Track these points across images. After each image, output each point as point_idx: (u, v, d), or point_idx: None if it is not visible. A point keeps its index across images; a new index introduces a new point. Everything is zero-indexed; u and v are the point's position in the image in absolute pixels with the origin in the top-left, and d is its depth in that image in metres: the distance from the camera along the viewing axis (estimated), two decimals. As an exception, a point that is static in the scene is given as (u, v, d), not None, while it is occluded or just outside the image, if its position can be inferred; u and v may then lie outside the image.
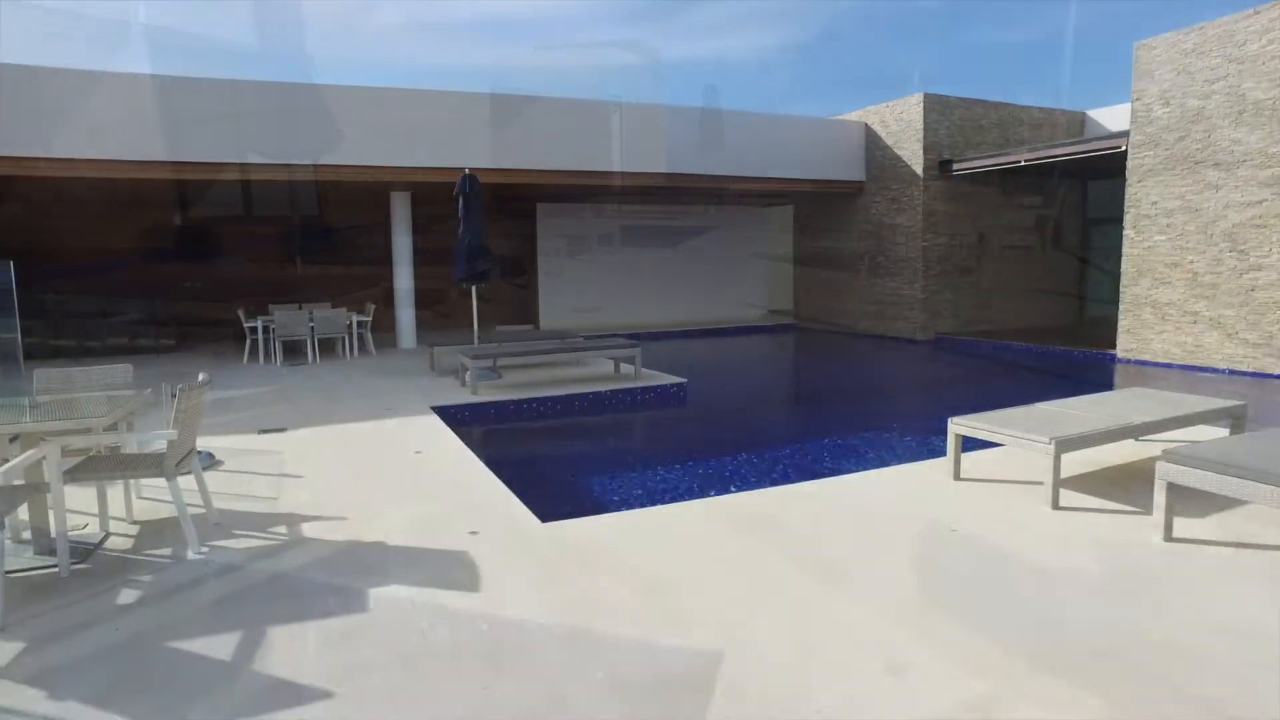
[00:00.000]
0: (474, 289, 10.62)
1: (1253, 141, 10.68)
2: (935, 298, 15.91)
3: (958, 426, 5.09)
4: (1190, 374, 11.13)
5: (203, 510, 4.47)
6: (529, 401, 8.77)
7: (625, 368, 10.83)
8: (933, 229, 15.73)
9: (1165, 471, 3.99)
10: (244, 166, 11.75)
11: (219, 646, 3.03)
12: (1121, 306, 12.46)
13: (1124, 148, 12.46)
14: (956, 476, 5.15)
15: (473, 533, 4.30)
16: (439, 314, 17.56)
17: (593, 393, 9.17)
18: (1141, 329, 12.18)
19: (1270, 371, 10.59)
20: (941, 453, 5.30)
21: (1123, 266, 12.44)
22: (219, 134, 11.45)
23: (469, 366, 9.03)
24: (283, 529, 4.39)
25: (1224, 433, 5.78)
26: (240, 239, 16.56)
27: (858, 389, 10.32)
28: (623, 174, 14.53)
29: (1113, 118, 16.86)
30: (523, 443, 7.65)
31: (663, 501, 5.08)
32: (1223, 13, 11.03)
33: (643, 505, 4.98)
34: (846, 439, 7.33)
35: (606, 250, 19.18)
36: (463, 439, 6.76)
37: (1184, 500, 4.56)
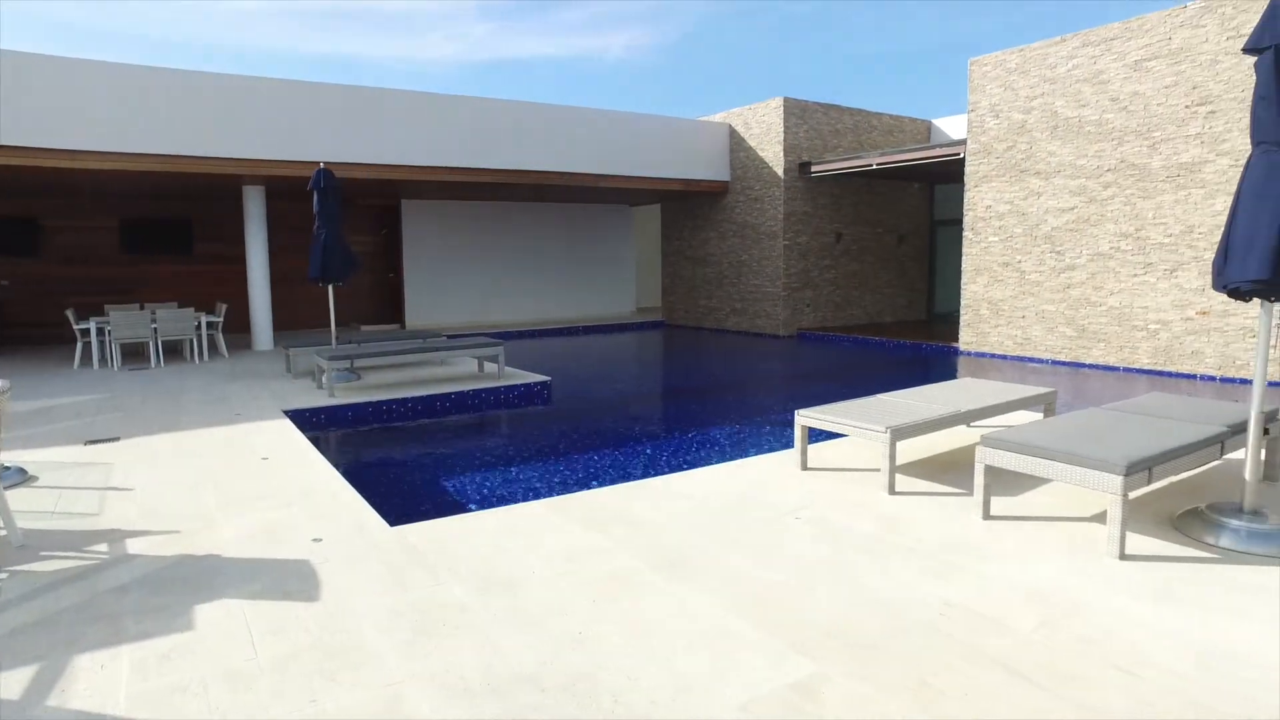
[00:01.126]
0: (331, 288, 10.21)
1: (1065, 154, 11.69)
2: (796, 295, 16.54)
3: (803, 418, 5.32)
4: (1022, 364, 12.07)
5: (2, 532, 4.09)
6: (388, 403, 8.53)
7: (489, 366, 10.71)
8: (793, 228, 16.35)
9: (983, 455, 4.32)
10: (74, 154, 10.79)
11: (8, 685, 2.78)
12: (962, 303, 13.37)
13: (962, 155, 13.37)
14: (804, 467, 5.38)
15: (316, 540, 4.14)
16: (298, 314, 16.79)
17: (455, 393, 9.02)
18: (980, 323, 13.10)
19: (1083, 361, 11.64)
20: (793, 444, 5.52)
21: (963, 265, 13.34)
22: (45, 116, 10.48)
23: (325, 368, 8.68)
24: (103, 547, 4.08)
25: (1039, 417, 6.32)
26: (74, 234, 15.28)
27: (719, 384, 10.61)
28: (486, 171, 14.34)
29: (954, 126, 18.07)
30: (379, 445, 7.43)
31: (516, 501, 5.06)
32: (1063, 32, 12.01)
33: (496, 505, 4.94)
34: (705, 433, 7.52)
35: (475, 248, 18.88)
36: (315, 443, 6.50)
37: (1003, 480, 4.97)
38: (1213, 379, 10.23)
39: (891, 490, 4.84)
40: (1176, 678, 2.76)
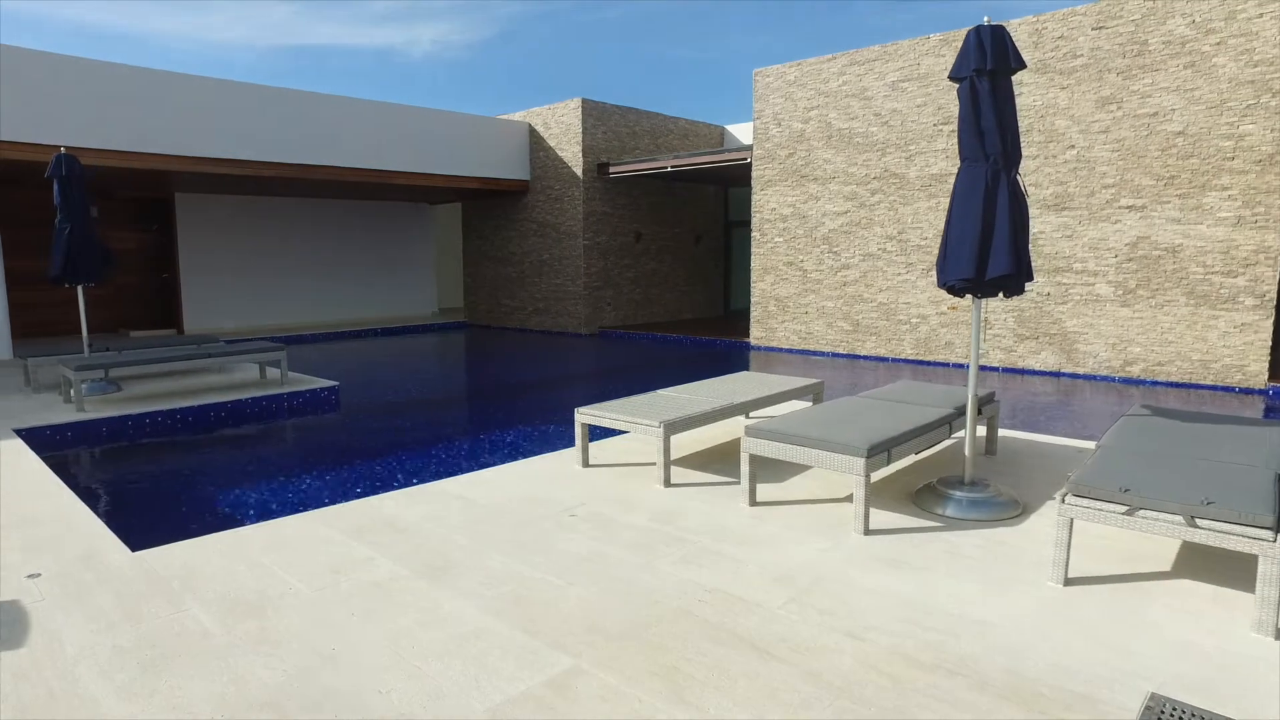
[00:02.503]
0: (81, 290, 9.10)
1: (838, 162, 12.66)
2: (597, 294, 16.77)
3: (583, 416, 5.39)
4: (806, 357, 12.92)
5: None
6: (152, 415, 7.74)
7: (272, 372, 10.02)
8: (593, 228, 16.56)
9: (747, 445, 4.56)
10: None
11: None
12: (752, 300, 14.12)
13: (749, 160, 14.11)
14: (585, 464, 5.44)
15: (32, 576, 3.66)
16: (51, 319, 14.87)
17: (231, 401, 8.35)
18: (768, 319, 13.90)
19: (859, 353, 12.67)
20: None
21: (752, 265, 14.09)
22: None
23: (72, 380, 7.74)
24: None
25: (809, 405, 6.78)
26: None
27: (515, 385, 10.54)
28: (272, 165, 13.39)
29: (746, 133, 19.05)
30: (135, 463, 6.72)
31: (284, 514, 4.74)
32: (848, 47, 12.90)
33: (260, 520, 4.60)
34: (494, 434, 7.44)
35: (264, 247, 17.60)
36: (53, 465, 5.78)
37: (772, 468, 5.28)
38: (963, 367, 11.45)
39: (667, 483, 5.00)
40: (895, 636, 3.04)
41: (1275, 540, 2.96)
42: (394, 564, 3.80)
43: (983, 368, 11.29)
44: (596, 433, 6.72)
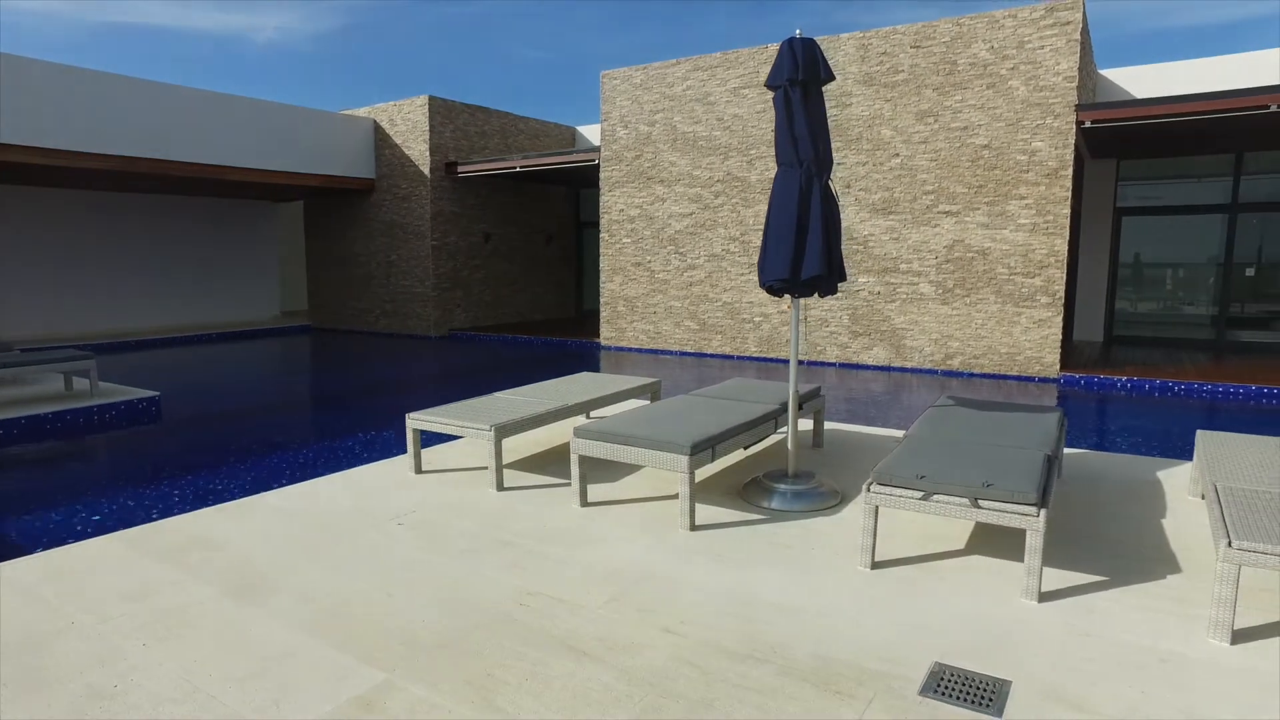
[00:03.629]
0: None
1: (683, 165, 12.96)
2: (447, 295, 16.39)
3: (415, 421, 5.23)
4: (656, 356, 13.13)
5: None
6: (-80, 435, 6.88)
7: (80, 383, 9.15)
8: (442, 228, 16.16)
9: (577, 446, 4.57)
10: None
11: None
12: (602, 300, 14.21)
13: (597, 161, 14.19)
14: (417, 470, 5.29)
15: None
16: None
17: (26, 417, 7.56)
18: (618, 320, 14.03)
19: (706, 351, 13.02)
20: (421, 446, 5.39)
21: (601, 265, 14.18)
22: None
23: None
24: None
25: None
26: None
27: (356, 390, 10.12)
28: (88, 155, 12.22)
29: (596, 134, 19.15)
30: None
31: (81, 539, 4.33)
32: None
33: (50, 547, 4.18)
34: (328, 442, 7.10)
35: (83, 246, 16.04)
36: None
37: (607, 467, 5.31)
38: (803, 363, 11.99)
39: (500, 487, 4.94)
40: (711, 629, 3.12)
41: (1039, 515, 3.26)
42: (202, 586, 3.54)
43: (820, 363, 11.87)
44: (432, 438, 6.55)
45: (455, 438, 6.33)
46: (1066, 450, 5.93)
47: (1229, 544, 2.97)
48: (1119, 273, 13.81)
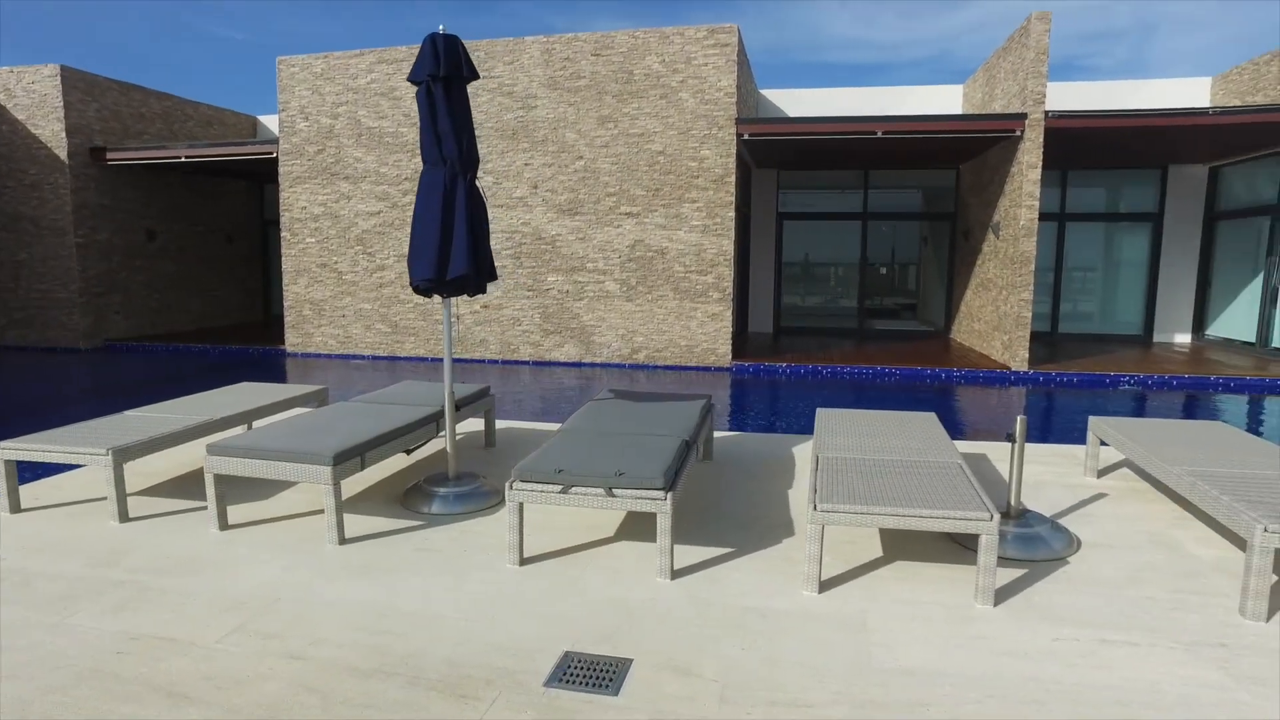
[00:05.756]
0: None
1: (370, 161, 12.40)
2: (101, 300, 14.25)
3: (6, 451, 4.42)
4: (346, 362, 12.42)
5: None
6: None
7: None
8: (89, 223, 14.00)
9: (212, 464, 4.13)
10: None
11: None
12: (286, 304, 13.16)
13: (276, 155, 13.10)
14: (14, 509, 4.48)
15: None
16: None
17: None
18: (304, 324, 13.07)
19: (399, 354, 12.57)
20: (33, 479, 4.54)
21: (283, 266, 13.12)
22: None
23: None
24: None
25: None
26: None
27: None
28: None
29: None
30: None
31: None
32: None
33: None
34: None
35: None
36: None
37: (256, 484, 4.87)
38: (497, 362, 12.00)
39: (123, 518, 4.33)
40: (341, 647, 2.95)
41: (666, 498, 3.50)
42: None
43: (513, 361, 11.97)
44: (50, 469, 5.62)
45: (75, 466, 5.47)
46: (723, 433, 6.48)
47: (814, 507, 3.39)
48: (787, 271, 15.51)
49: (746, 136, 10.96)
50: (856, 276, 15.42)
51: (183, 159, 13.72)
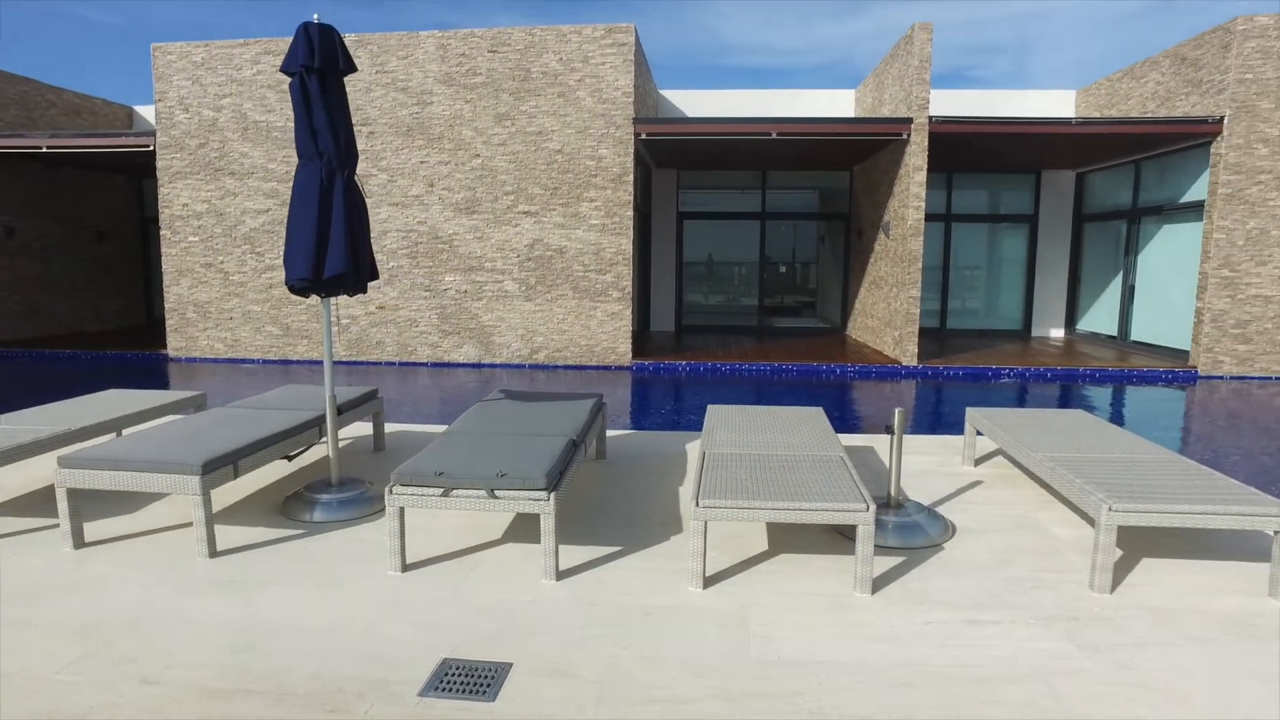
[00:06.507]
0: None
1: (257, 157, 11.87)
2: (-48, 304, 13.16)
3: None
4: (234, 366, 11.85)
5: None
6: None
7: None
8: (-64, 221, 12.92)
9: (63, 477, 3.85)
10: None
11: None
12: (167, 306, 12.47)
13: (152, 147, 12.38)
14: None
15: None
16: None
17: None
18: (188, 327, 12.41)
19: (291, 358, 12.09)
20: None
21: (164, 267, 12.42)
22: None
23: None
24: None
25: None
26: None
27: None
28: None
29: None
30: None
31: None
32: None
33: None
34: None
35: None
36: None
37: (125, 496, 4.59)
38: (394, 364, 11.69)
39: (-39, 539, 4.00)
40: (201, 668, 2.79)
41: (549, 498, 3.47)
42: None
43: (411, 364, 11.69)
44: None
45: (-88, 483, 5.02)
46: (620, 432, 6.49)
47: (697, 503, 3.41)
48: (688, 270, 15.67)
49: (644, 136, 11.02)
50: (757, 275, 15.73)
51: (44, 149, 12.80)
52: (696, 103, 14.98)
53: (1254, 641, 3.04)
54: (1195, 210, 11.56)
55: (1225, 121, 10.73)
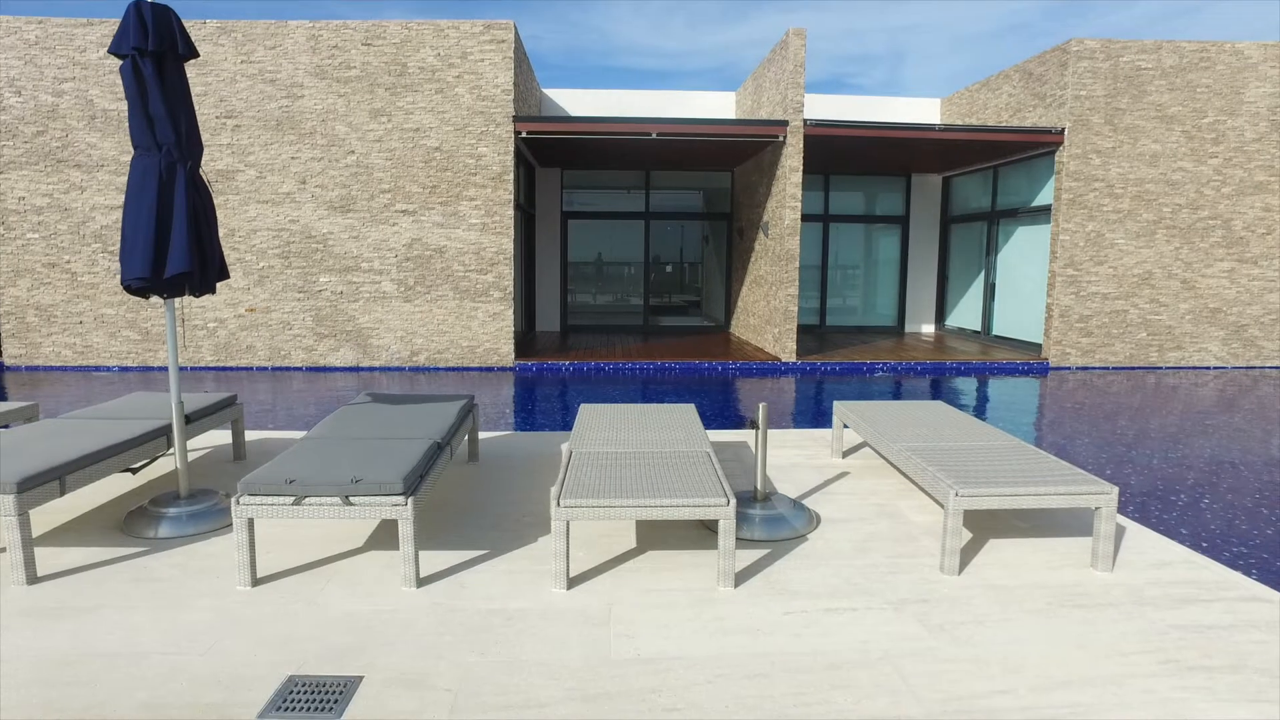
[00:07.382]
0: None
1: (108, 148, 11.07)
2: None
3: None
4: (89, 374, 11.01)
5: None
6: None
7: None
8: None
9: None
10: None
11: None
12: (2, 310, 11.45)
13: (-15, 136, 11.35)
14: None
15: None
16: None
17: None
18: (28, 333, 11.45)
19: (153, 364, 11.33)
20: None
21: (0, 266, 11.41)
22: None
23: None
24: None
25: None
26: None
27: None
28: None
29: None
30: None
31: None
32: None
33: None
34: None
35: None
36: None
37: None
38: (267, 369, 11.14)
39: None
40: (13, 709, 2.56)
41: (407, 503, 3.36)
42: None
43: (285, 368, 11.17)
44: None
45: None
46: (496, 433, 6.38)
47: (558, 503, 3.38)
48: (574, 270, 15.61)
49: (524, 134, 10.89)
50: (642, 275, 15.84)
51: None
52: (582, 102, 14.95)
53: (1079, 609, 3.26)
54: (1045, 213, 12.38)
55: (1065, 133, 11.55)
